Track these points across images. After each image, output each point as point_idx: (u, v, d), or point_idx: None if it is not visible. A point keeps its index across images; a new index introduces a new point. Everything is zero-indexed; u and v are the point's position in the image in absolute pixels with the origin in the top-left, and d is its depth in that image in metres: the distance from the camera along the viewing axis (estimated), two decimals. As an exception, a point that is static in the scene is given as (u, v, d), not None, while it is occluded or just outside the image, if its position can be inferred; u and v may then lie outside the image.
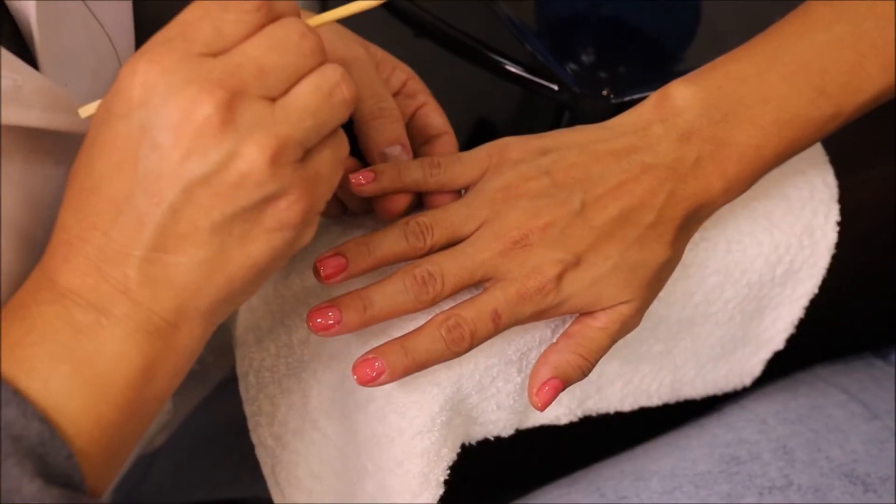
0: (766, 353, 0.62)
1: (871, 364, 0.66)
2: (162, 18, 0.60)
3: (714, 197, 0.52)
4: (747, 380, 0.63)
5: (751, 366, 0.63)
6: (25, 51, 0.48)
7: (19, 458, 0.38)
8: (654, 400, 0.61)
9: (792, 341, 0.62)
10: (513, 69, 0.66)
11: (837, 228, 0.59)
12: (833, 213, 0.59)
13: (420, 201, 0.54)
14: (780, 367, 0.65)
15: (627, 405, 0.60)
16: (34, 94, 0.44)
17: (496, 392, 0.53)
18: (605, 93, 0.64)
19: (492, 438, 0.57)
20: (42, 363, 0.40)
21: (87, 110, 0.44)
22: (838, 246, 0.59)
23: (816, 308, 0.60)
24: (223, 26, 0.40)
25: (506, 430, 0.57)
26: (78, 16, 0.50)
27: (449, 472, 0.54)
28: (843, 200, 0.59)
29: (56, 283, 0.41)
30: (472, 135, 0.70)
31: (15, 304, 0.42)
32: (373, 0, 0.46)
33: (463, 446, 0.56)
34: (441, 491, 0.53)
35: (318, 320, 0.49)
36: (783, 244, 0.58)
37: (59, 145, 0.47)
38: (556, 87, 0.63)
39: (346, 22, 0.50)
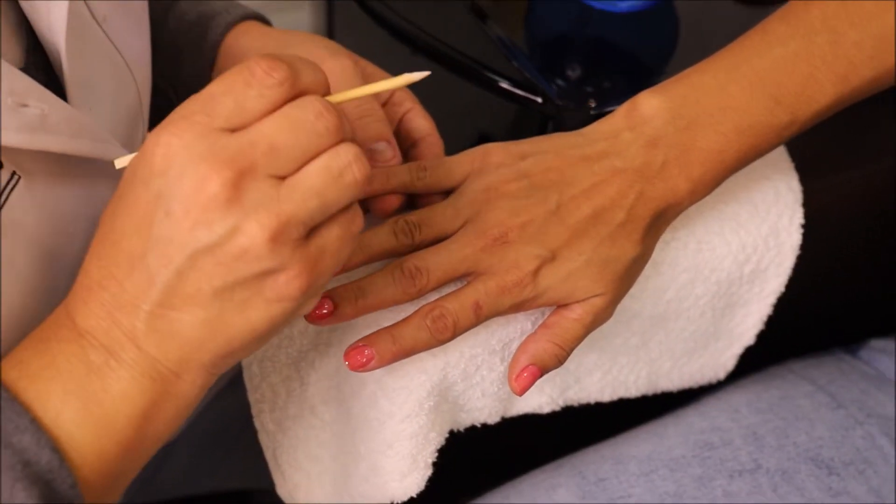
0: (737, 349, 0.66)
1: (839, 359, 0.70)
2: (177, 44, 0.65)
3: (680, 198, 0.56)
4: (721, 374, 0.67)
5: (724, 360, 0.66)
6: (53, 78, 0.51)
7: (27, 483, 0.41)
8: (633, 391, 0.65)
9: (762, 337, 0.66)
10: (503, 84, 0.70)
11: (801, 230, 0.63)
12: (797, 216, 0.63)
13: (412, 201, 0.58)
14: (754, 363, 0.68)
15: (607, 396, 0.64)
16: (60, 122, 0.47)
17: (481, 380, 0.57)
18: (591, 104, 0.68)
19: (478, 425, 0.61)
20: (56, 396, 0.43)
21: (121, 162, 0.47)
22: (803, 247, 0.63)
23: (784, 305, 0.64)
24: (245, 101, 0.42)
25: (492, 418, 0.61)
26: (102, 48, 0.54)
27: (438, 456, 0.58)
28: (807, 204, 0.63)
29: (75, 323, 0.44)
30: (464, 142, 0.75)
31: (38, 338, 0.45)
32: (403, 79, 0.48)
33: (452, 433, 0.60)
34: (429, 472, 0.57)
35: (315, 311, 0.53)
36: (750, 245, 0.62)
37: (80, 168, 0.50)
38: (540, 100, 0.67)
39: (346, 39, 0.54)
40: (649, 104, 0.56)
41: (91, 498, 0.45)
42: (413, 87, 0.64)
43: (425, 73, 0.49)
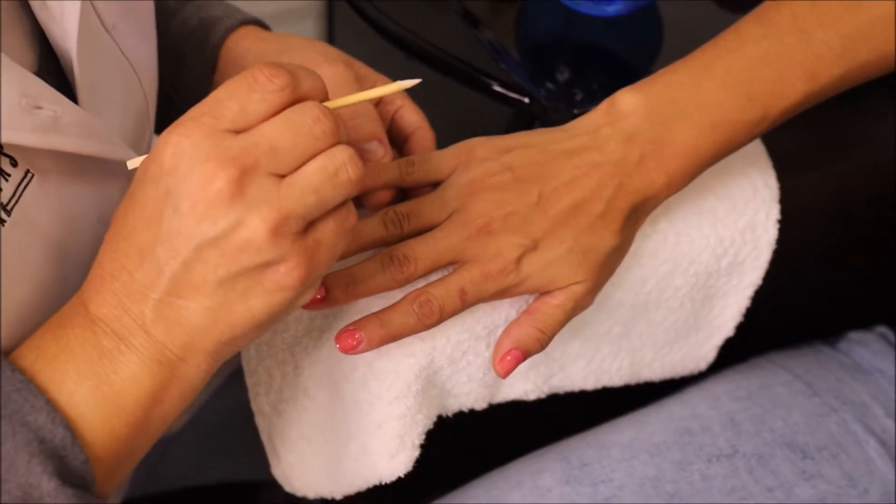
0: (717, 340, 0.68)
1: (818, 350, 0.73)
2: (179, 49, 0.68)
3: (657, 191, 0.59)
4: (703, 364, 0.70)
5: (704, 351, 0.69)
6: (65, 83, 0.54)
7: (43, 458, 0.44)
8: (616, 380, 0.67)
9: (742, 329, 0.68)
10: (494, 87, 0.73)
11: (778, 226, 0.65)
12: (774, 212, 0.65)
13: (404, 193, 0.61)
14: (735, 354, 0.71)
15: (590, 384, 0.67)
16: (72, 124, 0.50)
17: (467, 365, 0.60)
18: (576, 98, 0.71)
19: (466, 411, 0.63)
20: (70, 379, 0.47)
21: (133, 163, 0.50)
22: (779, 242, 0.65)
23: (762, 298, 0.67)
24: (249, 105, 0.45)
25: (479, 403, 0.63)
26: (111, 54, 0.57)
27: (428, 442, 0.60)
28: (783, 201, 0.65)
29: (88, 311, 0.47)
30: (456, 140, 0.78)
31: (53, 325, 0.49)
32: (395, 86, 0.52)
33: (441, 418, 0.63)
34: (416, 453, 0.60)
35: (308, 296, 0.56)
36: (727, 238, 0.64)
37: (91, 168, 0.53)
38: (527, 100, 0.70)
39: (346, 44, 0.57)
40: (627, 101, 0.59)
41: (101, 474, 0.48)
42: (409, 90, 0.67)
43: (416, 81, 0.53)
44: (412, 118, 0.63)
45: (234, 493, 0.85)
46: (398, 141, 0.63)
